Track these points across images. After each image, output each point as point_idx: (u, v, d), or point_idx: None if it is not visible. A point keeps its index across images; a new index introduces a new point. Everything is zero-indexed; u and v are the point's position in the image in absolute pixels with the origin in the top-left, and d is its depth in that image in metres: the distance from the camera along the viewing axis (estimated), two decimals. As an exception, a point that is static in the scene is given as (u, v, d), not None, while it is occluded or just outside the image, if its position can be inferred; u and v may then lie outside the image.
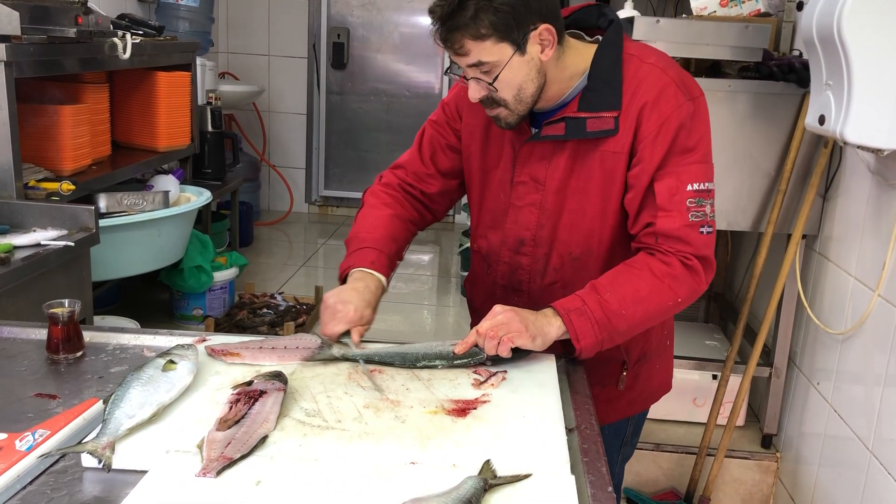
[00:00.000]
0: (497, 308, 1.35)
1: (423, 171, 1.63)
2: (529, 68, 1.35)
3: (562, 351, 1.40)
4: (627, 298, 1.36)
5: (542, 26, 1.33)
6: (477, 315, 1.63)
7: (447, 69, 1.43)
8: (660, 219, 1.38)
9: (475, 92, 1.37)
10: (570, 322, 1.34)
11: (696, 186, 1.37)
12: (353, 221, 1.61)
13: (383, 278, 1.50)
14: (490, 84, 1.34)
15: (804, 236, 2.48)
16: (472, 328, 1.38)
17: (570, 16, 1.47)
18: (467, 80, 1.37)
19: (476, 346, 1.34)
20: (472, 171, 1.57)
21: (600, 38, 1.44)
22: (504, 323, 1.31)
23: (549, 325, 1.34)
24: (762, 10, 2.64)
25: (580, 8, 1.47)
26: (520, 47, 1.32)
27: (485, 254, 1.60)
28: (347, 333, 1.39)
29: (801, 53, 2.50)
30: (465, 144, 1.57)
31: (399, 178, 1.64)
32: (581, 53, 1.42)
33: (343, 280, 1.50)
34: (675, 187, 1.37)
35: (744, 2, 2.65)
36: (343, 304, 1.41)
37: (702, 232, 1.38)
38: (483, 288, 1.63)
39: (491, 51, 1.31)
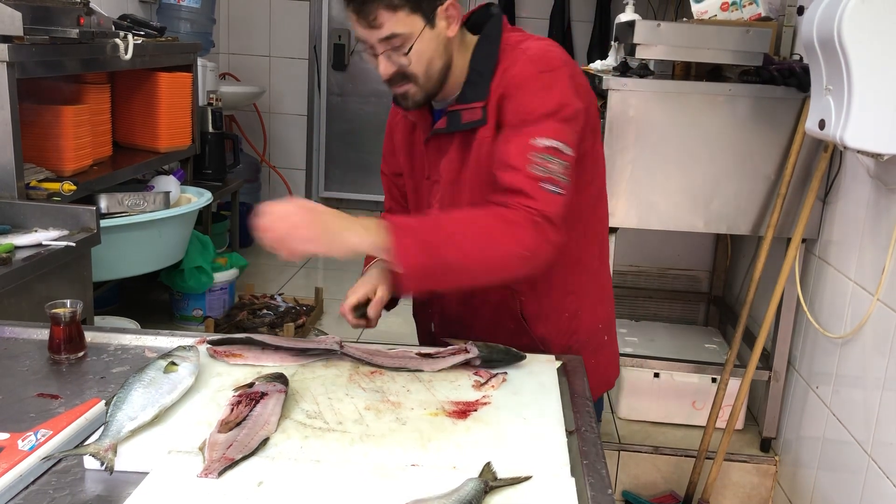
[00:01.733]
0: (293, 202, 1.26)
1: (393, 204, 1.70)
2: (438, 43, 1.38)
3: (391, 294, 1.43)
4: (468, 231, 1.29)
5: (448, 1, 1.37)
6: (418, 321, 1.72)
7: (352, 51, 1.44)
8: (505, 174, 1.34)
9: (386, 68, 1.38)
10: (395, 235, 1.25)
11: (542, 142, 1.32)
12: None
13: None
14: (405, 54, 1.36)
15: (804, 240, 2.48)
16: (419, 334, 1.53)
17: (469, 19, 1.51)
18: (377, 56, 1.38)
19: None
20: (406, 181, 1.62)
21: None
22: (294, 224, 1.24)
23: (359, 234, 1.26)
24: (763, 15, 2.65)
25: (475, 11, 1.52)
26: (430, 20, 1.36)
27: None
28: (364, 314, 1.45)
29: (801, 58, 2.51)
30: (398, 157, 1.62)
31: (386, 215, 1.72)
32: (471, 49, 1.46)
33: None
34: (522, 144, 1.33)
35: (744, 6, 2.66)
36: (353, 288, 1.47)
37: (544, 188, 1.31)
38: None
39: (404, 22, 1.33)
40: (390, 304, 1.51)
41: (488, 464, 1.02)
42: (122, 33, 2.86)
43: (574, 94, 1.38)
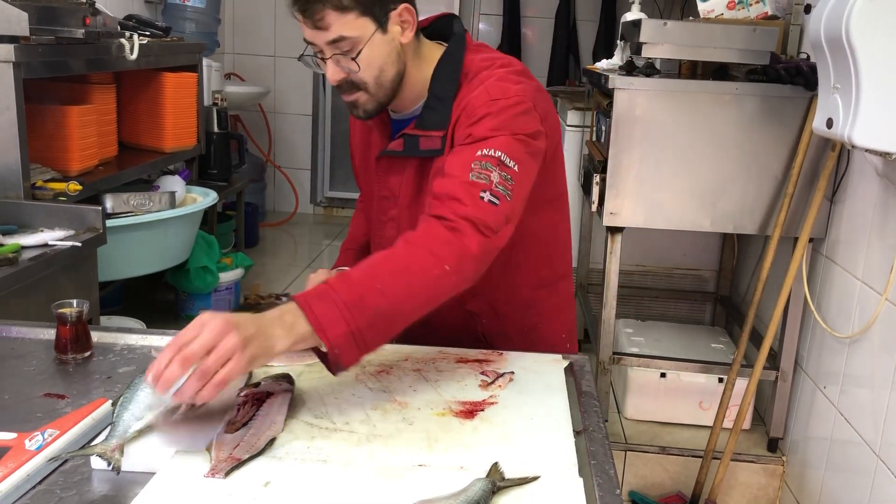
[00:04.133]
0: (204, 316, 1.05)
1: (364, 195, 1.67)
2: (391, 49, 1.33)
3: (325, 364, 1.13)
4: (382, 272, 1.15)
5: (402, 6, 1.32)
6: None
7: (301, 55, 1.38)
8: (442, 181, 1.28)
9: (334, 73, 1.33)
10: (310, 311, 1.07)
11: (486, 151, 1.26)
12: None
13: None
14: (354, 59, 1.30)
15: (811, 240, 2.47)
16: None
17: (430, 26, 1.47)
18: (325, 60, 1.33)
19: None
20: (360, 185, 1.60)
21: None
22: (214, 344, 1.02)
23: (280, 330, 1.06)
24: (769, 13, 2.64)
25: (438, 18, 1.48)
26: (381, 24, 1.30)
27: None
28: None
29: (808, 56, 2.50)
30: (353, 159, 1.60)
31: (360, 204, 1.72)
32: (436, 59, 1.41)
33: None
34: (466, 153, 1.28)
35: (751, 4, 2.65)
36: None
37: (482, 197, 1.23)
38: None
39: (353, 25, 1.28)
40: None
41: (496, 464, 1.02)
42: (127, 33, 2.86)
43: (530, 118, 1.33)
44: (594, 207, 2.59)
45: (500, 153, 1.27)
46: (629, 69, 2.64)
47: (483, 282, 1.30)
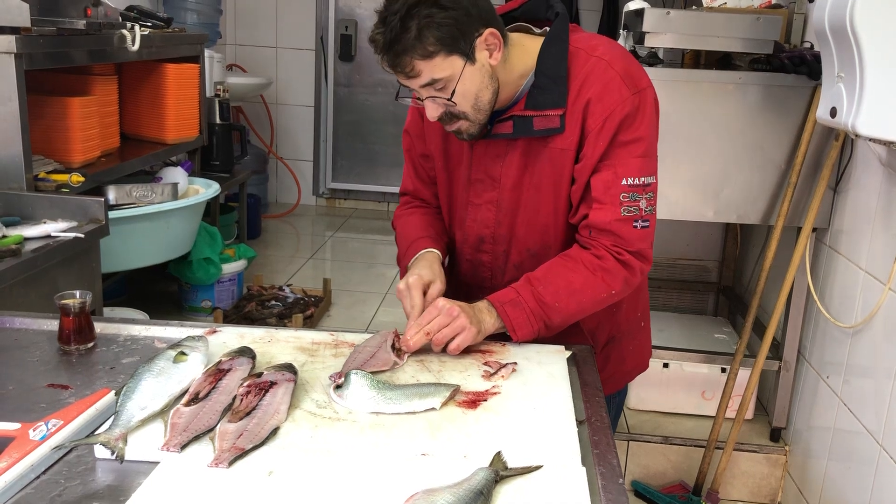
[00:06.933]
0: (440, 302, 1.36)
1: (418, 185, 1.66)
2: (482, 75, 1.34)
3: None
4: (561, 291, 1.39)
5: (486, 31, 1.32)
6: None
7: (397, 94, 1.42)
8: (593, 211, 1.40)
9: (433, 111, 1.36)
10: (505, 314, 1.38)
11: (631, 181, 1.38)
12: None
13: (433, 250, 1.53)
14: (448, 100, 1.33)
15: (814, 229, 2.47)
16: None
17: (519, 8, 1.47)
18: (421, 100, 1.36)
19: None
20: (438, 170, 1.59)
21: (548, 29, 1.43)
22: (450, 319, 1.33)
23: (486, 319, 1.37)
24: (773, 2, 2.62)
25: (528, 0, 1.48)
26: (469, 57, 1.31)
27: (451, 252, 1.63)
28: None
29: (812, 45, 2.49)
30: (428, 145, 1.59)
31: (407, 198, 1.70)
32: (528, 50, 1.41)
33: None
34: (611, 181, 1.38)
35: (755, -7, 2.64)
36: (405, 284, 1.43)
37: (635, 226, 1.40)
38: (449, 286, 1.61)
39: (442, 66, 1.30)
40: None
41: (499, 453, 1.02)
42: (129, 24, 2.85)
43: (655, 117, 1.43)
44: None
45: (644, 179, 1.40)
46: (632, 59, 2.62)
47: None
